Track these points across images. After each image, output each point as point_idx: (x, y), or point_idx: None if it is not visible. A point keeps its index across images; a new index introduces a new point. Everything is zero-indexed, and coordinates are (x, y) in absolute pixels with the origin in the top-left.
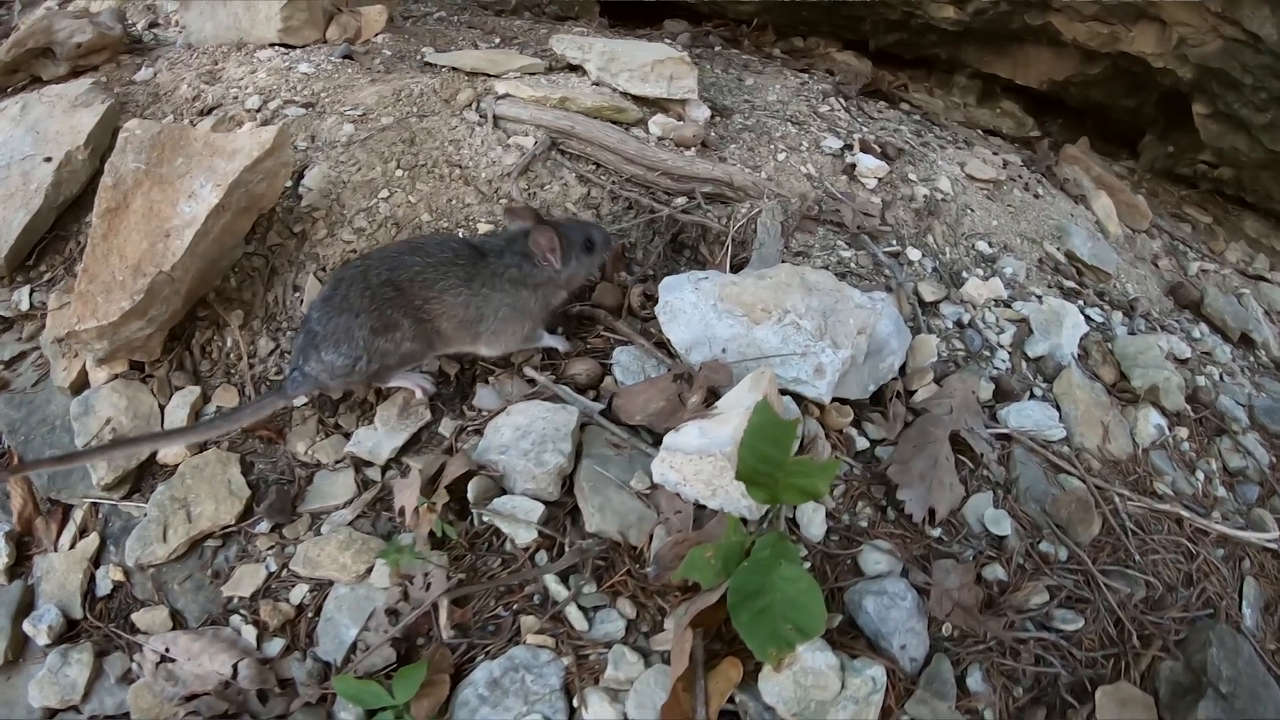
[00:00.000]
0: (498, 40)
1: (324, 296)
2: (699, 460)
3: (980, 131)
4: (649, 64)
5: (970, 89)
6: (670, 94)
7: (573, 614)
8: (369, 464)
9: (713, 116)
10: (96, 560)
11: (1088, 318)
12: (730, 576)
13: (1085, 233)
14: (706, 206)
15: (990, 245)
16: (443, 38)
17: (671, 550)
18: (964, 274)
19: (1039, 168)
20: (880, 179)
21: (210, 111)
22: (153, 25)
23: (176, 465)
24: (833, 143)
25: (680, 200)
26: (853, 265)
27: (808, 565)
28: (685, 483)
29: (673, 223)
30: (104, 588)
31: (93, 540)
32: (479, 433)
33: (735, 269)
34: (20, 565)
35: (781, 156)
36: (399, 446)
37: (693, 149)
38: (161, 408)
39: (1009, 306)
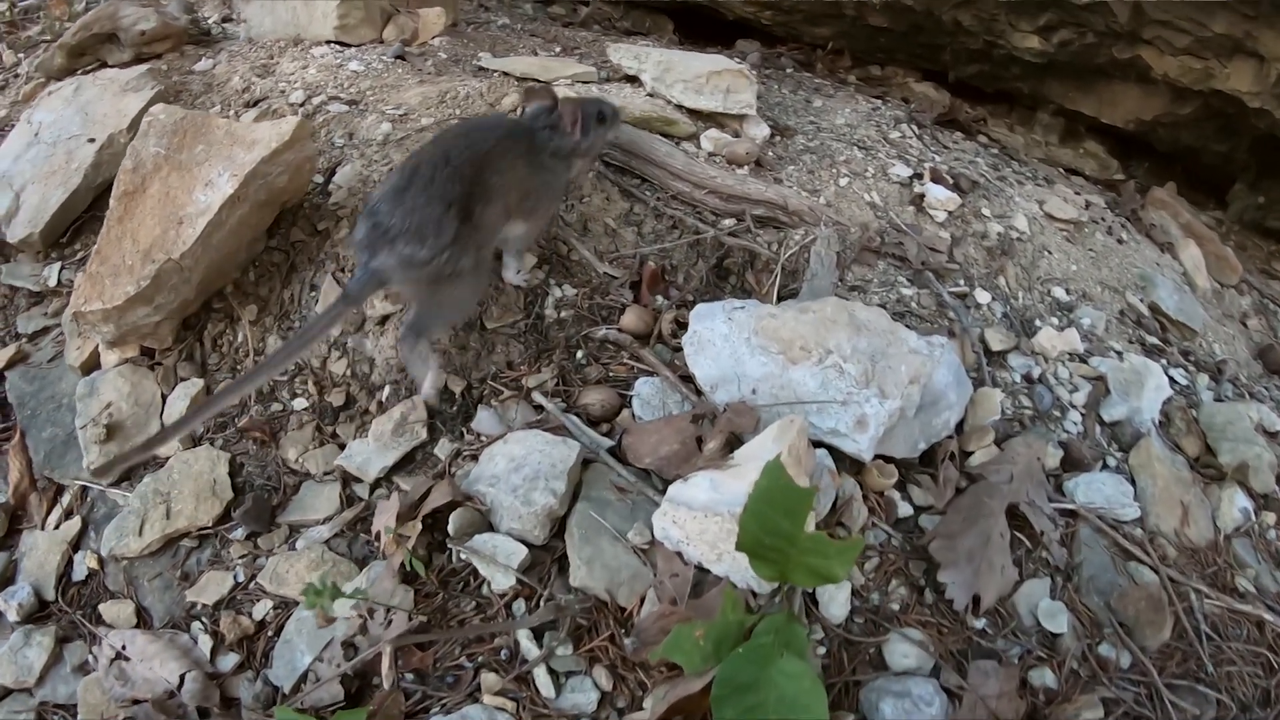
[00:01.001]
0: (558, 49)
1: (396, 186)
2: (705, 518)
3: (1061, 170)
4: (704, 75)
5: (1053, 127)
6: (726, 108)
7: (541, 677)
8: (358, 480)
9: (772, 135)
10: (76, 544)
11: (1171, 379)
12: (720, 663)
13: (1171, 284)
14: (756, 230)
15: (1068, 292)
16: (503, 44)
17: (657, 623)
18: (1037, 322)
19: (1124, 211)
20: (951, 212)
21: (257, 104)
22: (225, 19)
23: (168, 458)
24: (901, 170)
25: (728, 222)
26: (913, 305)
27: (823, 650)
28: (688, 541)
29: (718, 245)
30: (79, 573)
31: (75, 524)
32: (475, 458)
33: (783, 300)
34: (9, 538)
35: (844, 182)
36: (389, 465)
37: (746, 167)
38: (164, 397)
39: (1085, 362)
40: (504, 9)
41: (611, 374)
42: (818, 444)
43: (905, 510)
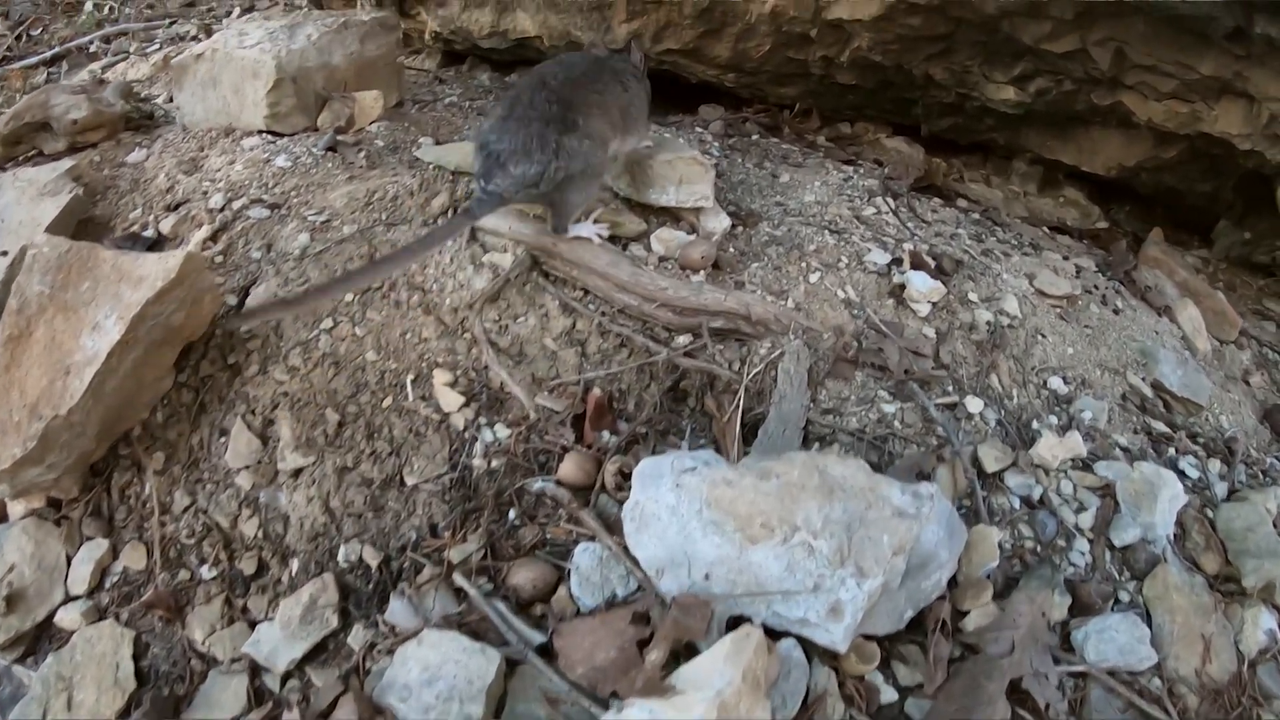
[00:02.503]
0: None
1: (500, 116)
2: None
3: (1046, 230)
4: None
5: (1030, 175)
6: (680, 201)
7: None
8: (267, 670)
9: (734, 226)
10: None
11: (1181, 472)
12: None
13: (1173, 357)
14: (717, 345)
15: (1065, 381)
16: (447, 126)
17: None
18: (1035, 424)
19: (1116, 273)
20: (935, 303)
21: (178, 207)
22: (171, 99)
23: (72, 632)
24: (878, 256)
25: (684, 340)
26: (896, 424)
27: None
28: None
29: (673, 368)
30: None
31: None
32: (391, 653)
33: (748, 427)
34: None
35: (814, 278)
36: (299, 656)
37: (702, 272)
38: (69, 559)
39: (1090, 469)
40: (459, 81)
41: (549, 537)
42: (783, 634)
43: (889, 695)
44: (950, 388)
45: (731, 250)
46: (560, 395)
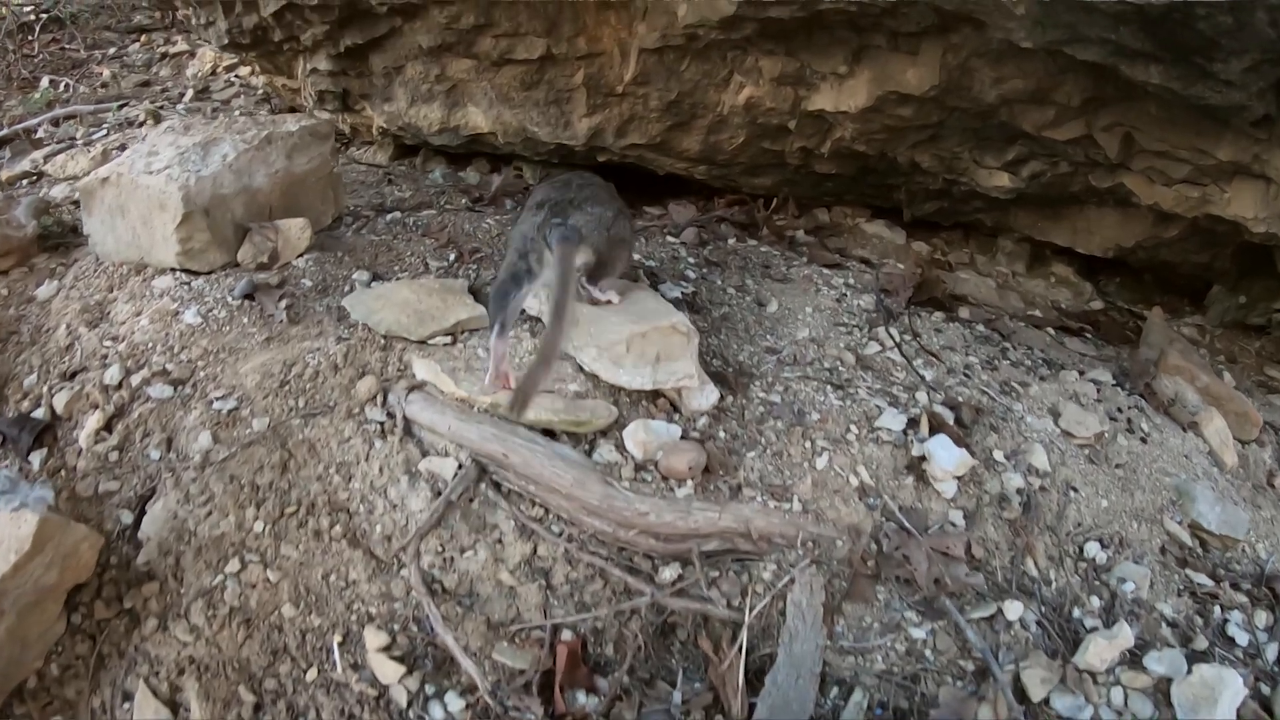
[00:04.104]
0: (453, 256)
1: (553, 185)
2: None
3: (1051, 333)
4: (625, 340)
5: (1018, 254)
6: (658, 383)
7: None
8: None
9: (722, 397)
10: None
11: (1231, 640)
12: None
13: (1209, 493)
14: (711, 574)
15: (1103, 545)
16: (387, 253)
17: None
18: (1076, 610)
19: (1137, 385)
20: (961, 478)
21: (74, 376)
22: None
23: None
24: (891, 420)
25: (670, 572)
26: (928, 654)
27: None
28: None
29: (660, 610)
30: None
31: None
32: None
33: (752, 672)
34: None
35: (822, 461)
36: None
37: (690, 481)
38: None
39: (1140, 664)
40: (410, 180)
41: None
42: None
43: None
44: (987, 590)
45: (722, 436)
46: (523, 646)
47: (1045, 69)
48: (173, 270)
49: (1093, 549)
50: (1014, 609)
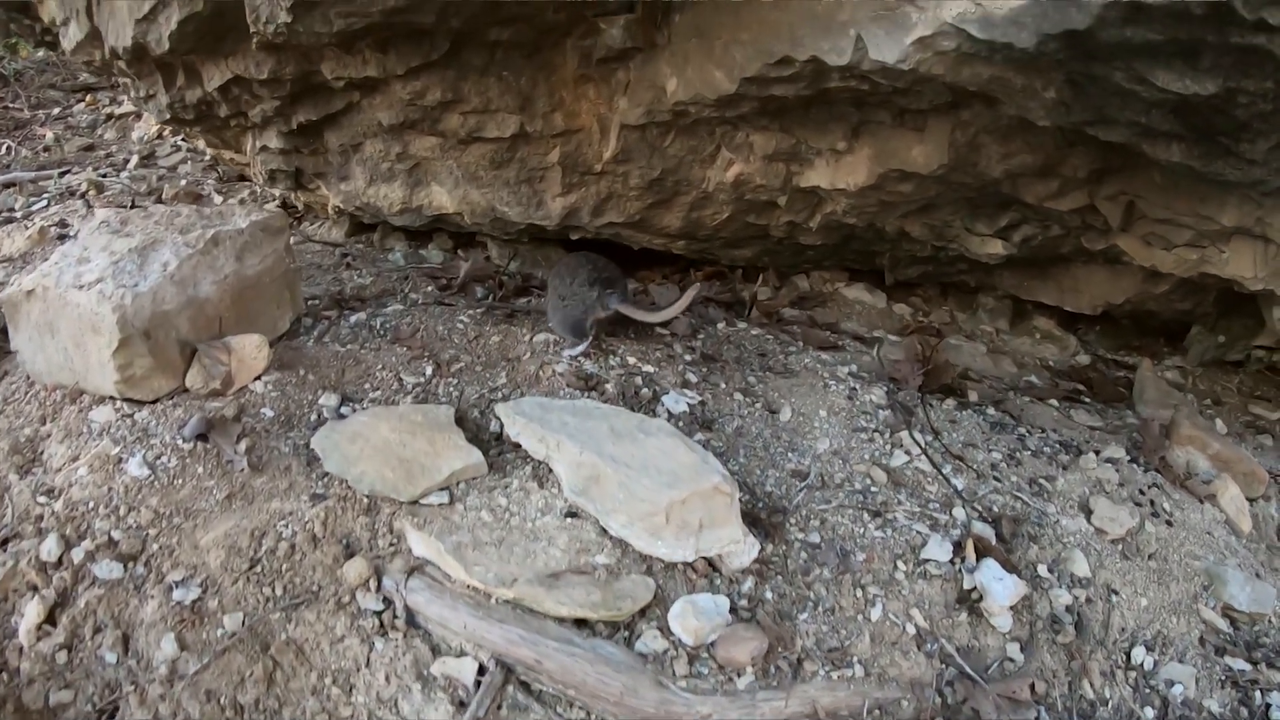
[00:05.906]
0: (430, 371)
1: (575, 267)
2: None
3: (1055, 406)
4: (664, 509)
5: (999, 311)
6: (702, 551)
7: None
8: None
9: (762, 546)
10: None
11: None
12: None
13: (1239, 574)
14: None
15: (1148, 649)
16: (354, 367)
17: None
18: None
19: (1151, 460)
20: (1014, 606)
21: (6, 544)
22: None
23: None
24: (937, 549)
25: None
26: None
27: None
28: None
29: None
30: None
31: None
32: None
33: None
34: None
35: (876, 611)
36: None
37: (751, 667)
38: None
39: None
40: (370, 261)
41: None
42: None
43: None
44: None
45: (770, 598)
46: None
47: (1055, 143)
48: (112, 399)
49: (1139, 654)
50: None
